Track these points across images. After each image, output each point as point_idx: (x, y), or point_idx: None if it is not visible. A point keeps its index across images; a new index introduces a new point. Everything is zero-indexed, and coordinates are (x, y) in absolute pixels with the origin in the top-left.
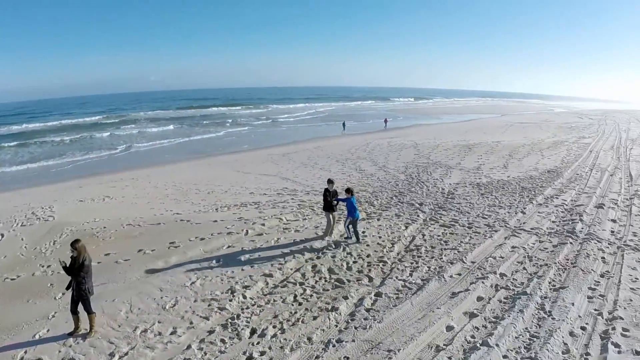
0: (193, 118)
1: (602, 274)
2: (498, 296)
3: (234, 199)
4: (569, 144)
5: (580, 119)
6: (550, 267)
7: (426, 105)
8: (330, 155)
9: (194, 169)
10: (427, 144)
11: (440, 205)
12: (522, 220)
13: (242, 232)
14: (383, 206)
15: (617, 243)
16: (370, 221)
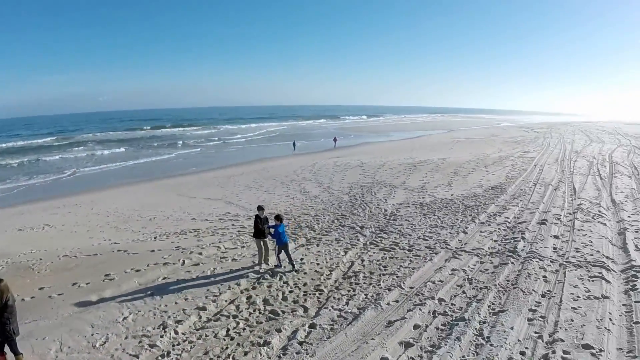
0: (143, 140)
1: (543, 293)
2: (435, 323)
3: (175, 226)
4: (514, 159)
5: (526, 133)
6: (490, 290)
7: (376, 123)
8: (275, 176)
9: (139, 194)
10: (373, 163)
11: (382, 227)
12: (464, 240)
13: (178, 263)
14: (324, 230)
15: (559, 260)
16: (309, 247)
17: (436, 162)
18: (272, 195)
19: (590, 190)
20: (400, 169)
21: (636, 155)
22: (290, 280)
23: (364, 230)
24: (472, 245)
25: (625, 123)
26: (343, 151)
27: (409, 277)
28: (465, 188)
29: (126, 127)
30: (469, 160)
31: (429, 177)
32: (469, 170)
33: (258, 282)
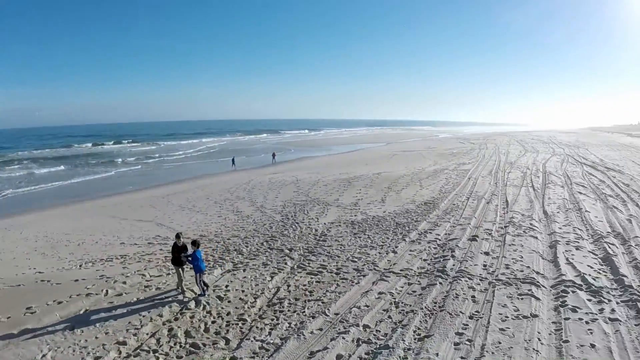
0: (82, 157)
1: (471, 315)
2: (359, 352)
3: (103, 252)
4: (449, 172)
5: (462, 144)
6: (417, 314)
7: (316, 137)
8: (210, 195)
9: (72, 216)
10: (308, 180)
11: (311, 249)
12: (393, 260)
13: (101, 293)
14: (252, 254)
15: (488, 278)
16: (235, 273)
17: (371, 177)
18: (205, 215)
19: (522, 203)
20: (334, 185)
21: (569, 164)
22: (214, 309)
23: (292, 252)
24: (400, 266)
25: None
26: (281, 167)
27: (334, 302)
28: (398, 204)
29: (64, 144)
30: (403, 175)
31: (362, 193)
32: (403, 185)
33: (181, 313)
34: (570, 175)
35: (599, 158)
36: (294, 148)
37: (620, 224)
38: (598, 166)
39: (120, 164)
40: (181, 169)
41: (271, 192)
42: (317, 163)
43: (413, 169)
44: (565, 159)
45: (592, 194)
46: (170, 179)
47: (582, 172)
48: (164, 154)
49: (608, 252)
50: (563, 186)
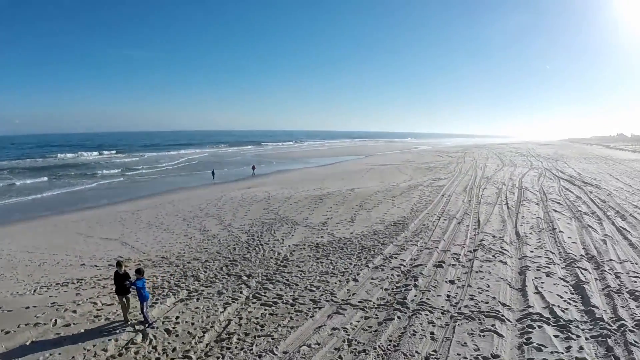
0: (61, 168)
1: (427, 356)
2: None
3: (61, 275)
4: (423, 188)
5: (440, 158)
6: (369, 354)
7: (297, 149)
8: (179, 212)
9: (39, 232)
10: (280, 196)
11: (270, 276)
12: (353, 290)
13: (50, 323)
14: (209, 280)
15: (450, 311)
16: (188, 303)
17: (344, 194)
18: (171, 234)
19: (495, 223)
20: (305, 203)
21: (546, 179)
22: (160, 344)
23: (250, 279)
24: (360, 296)
25: (539, 143)
26: (256, 180)
27: (284, 339)
28: (367, 224)
29: (43, 154)
30: (377, 191)
31: (332, 211)
32: (375, 203)
33: (126, 348)
34: (546, 191)
35: (576, 171)
36: (274, 160)
37: (594, 246)
38: (575, 180)
39: (99, 177)
40: (159, 182)
41: (241, 209)
42: (292, 177)
43: (387, 185)
44: (542, 172)
45: (567, 211)
46: (145, 192)
47: (559, 187)
48: (145, 166)
49: (580, 278)
50: (538, 203)
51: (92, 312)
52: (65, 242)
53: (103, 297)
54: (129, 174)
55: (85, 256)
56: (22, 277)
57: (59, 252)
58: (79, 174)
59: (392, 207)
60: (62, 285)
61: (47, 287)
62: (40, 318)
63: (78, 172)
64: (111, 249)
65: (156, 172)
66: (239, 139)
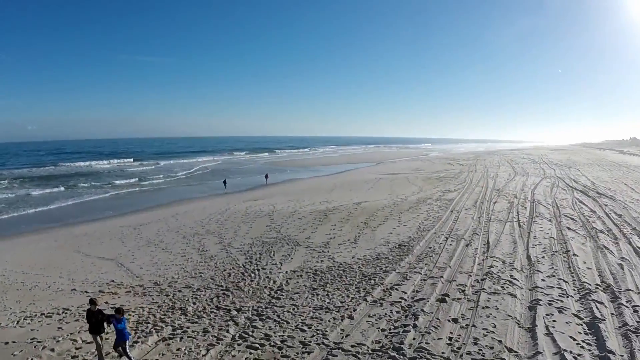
0: (74, 177)
1: None
2: None
3: (49, 302)
4: (432, 202)
5: (451, 166)
6: None
7: (312, 156)
8: (181, 227)
9: (38, 248)
10: (284, 211)
11: (261, 311)
12: (347, 330)
13: None
14: (196, 315)
15: (451, 359)
16: (171, 342)
17: (349, 209)
18: (168, 254)
19: (505, 244)
20: (309, 219)
21: (559, 190)
22: None
23: (239, 315)
24: (353, 339)
25: (551, 148)
26: (265, 190)
27: None
28: (370, 246)
29: (56, 162)
30: (384, 206)
31: (336, 229)
32: (382, 220)
33: None
34: (559, 204)
35: (590, 180)
36: (287, 169)
37: (610, 271)
38: (589, 191)
39: (111, 187)
40: (168, 193)
41: (244, 225)
42: (301, 187)
43: (395, 198)
44: (555, 182)
45: (581, 229)
46: (152, 203)
47: (572, 199)
48: (159, 175)
49: (595, 314)
50: (551, 219)
51: (70, 351)
52: (62, 261)
53: (84, 333)
54: (142, 183)
55: (78, 279)
56: (11, 303)
57: (53, 274)
58: (91, 184)
59: (399, 225)
60: (46, 315)
61: (32, 318)
62: (18, 356)
63: (91, 182)
64: (106, 271)
65: (168, 181)
66: (254, 146)
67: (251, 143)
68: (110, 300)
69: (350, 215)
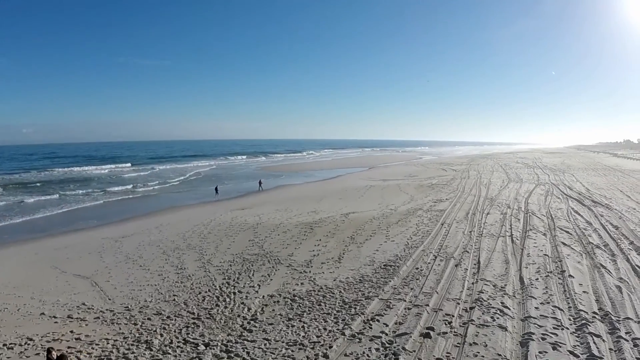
0: (66, 183)
1: None
2: None
3: (14, 329)
4: (422, 213)
5: (444, 172)
6: None
7: (306, 161)
8: (163, 240)
9: (17, 262)
10: (270, 222)
11: (231, 345)
12: None
13: None
14: (161, 350)
15: None
16: None
17: (337, 221)
18: (145, 272)
19: (497, 264)
20: (294, 233)
21: (554, 198)
22: None
23: (207, 351)
24: None
25: (545, 151)
26: (254, 198)
27: None
28: (354, 266)
29: (49, 166)
30: (372, 218)
31: (321, 245)
32: (369, 234)
33: None
34: (554, 215)
35: (585, 187)
36: (280, 173)
37: (608, 295)
38: (584, 199)
39: (101, 195)
40: (159, 200)
41: (226, 239)
42: (291, 195)
43: (385, 209)
44: (549, 189)
45: (577, 244)
46: (139, 211)
47: (567, 209)
48: (154, 181)
49: (592, 351)
50: (545, 233)
51: None
52: (37, 278)
53: None
54: (136, 190)
55: (49, 301)
56: None
57: (25, 294)
58: (83, 191)
59: (386, 240)
60: (8, 347)
61: None
62: None
63: (83, 188)
64: (78, 292)
65: (161, 188)
66: (250, 150)
67: (248, 147)
68: (76, 328)
69: (337, 229)
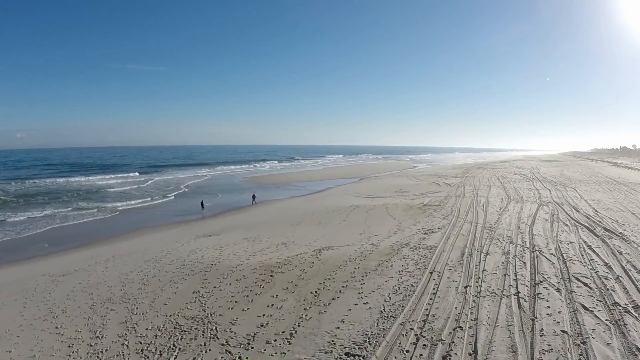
0: (46, 196)
1: None
2: None
3: None
4: (409, 252)
5: (437, 187)
6: None
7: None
8: (99, 285)
9: None
10: (227, 262)
11: None
12: None
13: None
14: None
15: None
16: None
17: (305, 263)
18: (58, 338)
19: (500, 351)
20: (250, 281)
21: (561, 225)
22: None
23: None
24: None
25: (542, 159)
26: (229, 219)
27: None
28: (307, 352)
29: (37, 176)
30: (349, 258)
31: (276, 306)
32: (339, 287)
33: None
34: (564, 253)
35: (591, 207)
36: (266, 186)
37: None
38: (595, 226)
39: (73, 211)
40: (134, 218)
41: (169, 288)
42: (268, 215)
43: (366, 243)
44: (554, 212)
45: (601, 306)
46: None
47: (579, 243)
48: (156, 193)
49: None
50: (559, 288)
51: None
52: None
53: None
54: (117, 204)
55: None
56: None
57: None
58: (60, 210)
59: (358, 301)
60: None
61: None
62: None
63: (60, 204)
64: None
65: (142, 204)
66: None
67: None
68: None
69: (301, 277)
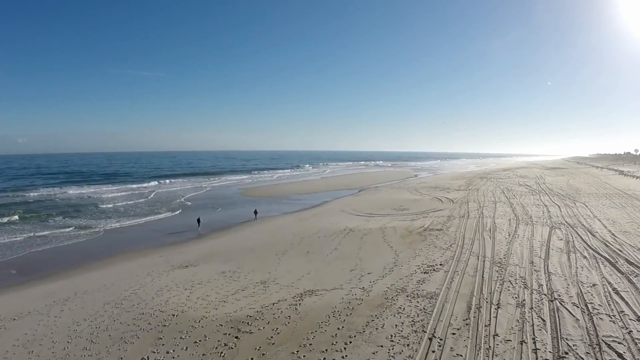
0: (35, 211)
1: None
2: None
3: None
4: (404, 302)
5: (439, 203)
6: None
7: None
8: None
9: None
10: (190, 313)
11: None
12: None
13: None
14: None
15: None
16: None
17: (281, 318)
18: None
19: None
20: (210, 346)
21: (579, 259)
22: None
23: None
24: None
25: (546, 166)
26: (214, 242)
27: None
28: None
29: (30, 186)
30: (334, 309)
31: None
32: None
33: None
34: (589, 303)
35: (607, 229)
36: (259, 198)
37: None
38: (617, 258)
39: (62, 228)
40: (116, 241)
41: (116, 350)
42: (254, 240)
43: (357, 283)
44: (569, 238)
45: None
46: (80, 260)
47: (603, 286)
48: (153, 208)
49: None
50: None
51: None
52: None
53: None
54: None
55: None
56: None
57: None
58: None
59: None
60: None
61: None
62: None
63: (65, 219)
64: None
65: (133, 222)
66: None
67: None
68: None
69: (272, 342)
